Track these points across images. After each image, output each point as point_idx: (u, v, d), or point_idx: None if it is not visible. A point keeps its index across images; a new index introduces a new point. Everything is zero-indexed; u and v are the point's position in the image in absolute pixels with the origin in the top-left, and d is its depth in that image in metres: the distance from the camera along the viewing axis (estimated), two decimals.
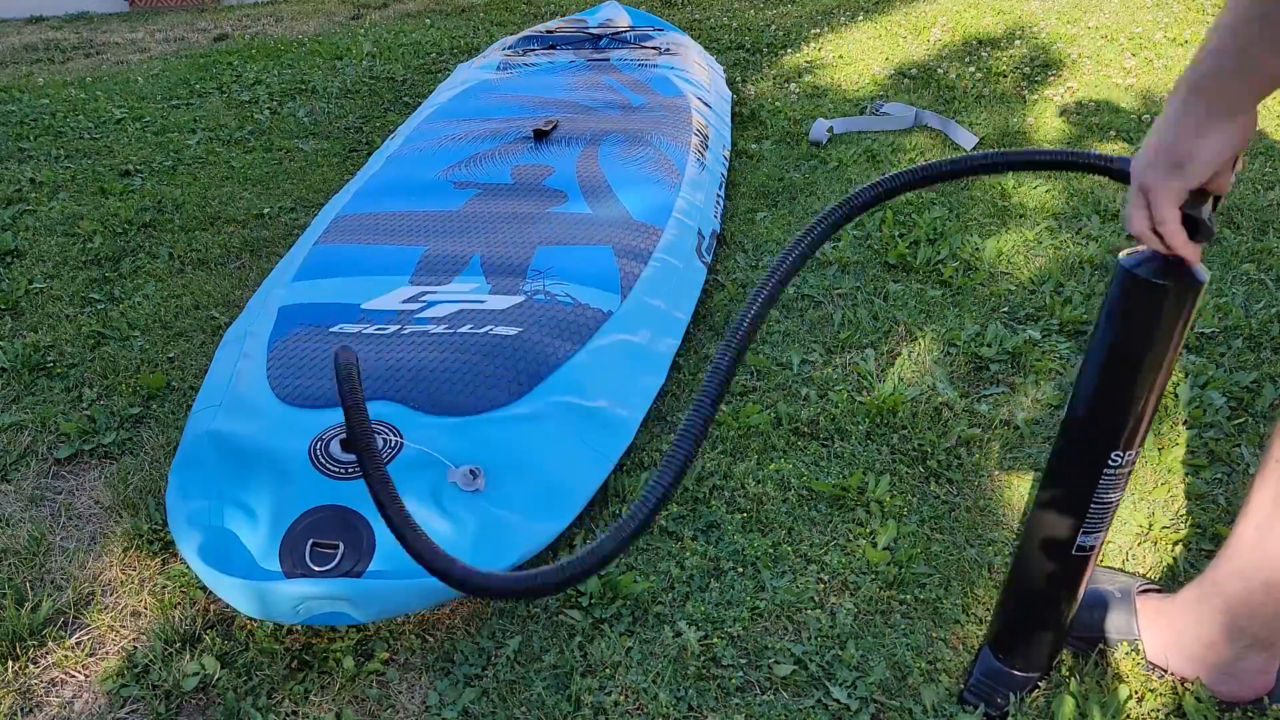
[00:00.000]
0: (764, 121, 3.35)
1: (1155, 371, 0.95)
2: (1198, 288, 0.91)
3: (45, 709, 1.23)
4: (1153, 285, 0.90)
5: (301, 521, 1.26)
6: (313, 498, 1.28)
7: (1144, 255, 0.92)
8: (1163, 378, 0.96)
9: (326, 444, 1.34)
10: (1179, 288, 0.90)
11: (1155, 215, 0.86)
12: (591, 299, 1.75)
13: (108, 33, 5.81)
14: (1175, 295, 0.90)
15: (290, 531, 1.25)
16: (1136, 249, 0.93)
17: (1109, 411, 0.99)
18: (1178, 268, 0.90)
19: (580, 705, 1.20)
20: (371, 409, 1.37)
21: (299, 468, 1.32)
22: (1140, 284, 0.91)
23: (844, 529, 1.48)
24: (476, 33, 5.08)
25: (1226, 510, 1.48)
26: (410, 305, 1.72)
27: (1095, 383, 0.99)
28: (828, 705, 1.20)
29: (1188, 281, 0.90)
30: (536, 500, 1.35)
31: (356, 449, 0.91)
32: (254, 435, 1.40)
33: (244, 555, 1.26)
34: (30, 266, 2.40)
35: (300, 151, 3.29)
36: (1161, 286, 0.90)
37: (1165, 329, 0.92)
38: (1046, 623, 1.16)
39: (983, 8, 4.60)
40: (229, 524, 1.30)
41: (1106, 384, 0.98)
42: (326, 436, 1.36)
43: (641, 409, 1.61)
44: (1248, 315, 1.98)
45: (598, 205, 2.15)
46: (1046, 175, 2.76)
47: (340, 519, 1.26)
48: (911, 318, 2.04)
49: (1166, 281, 0.90)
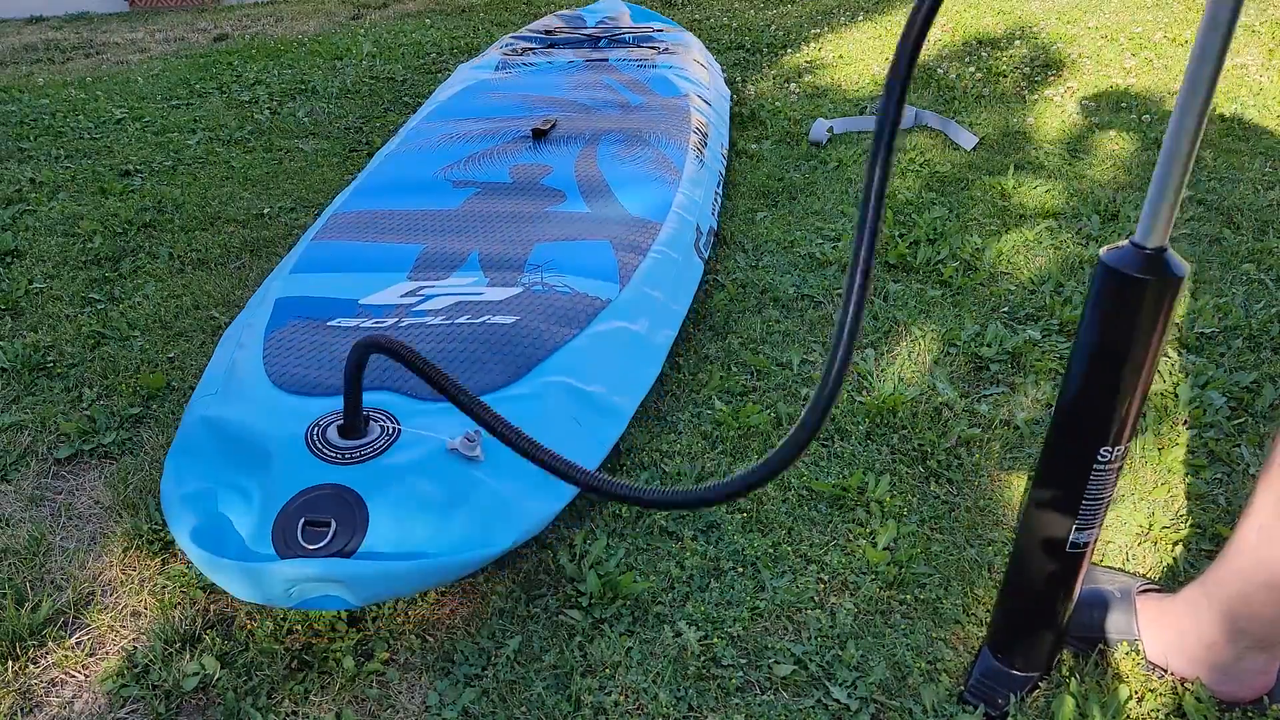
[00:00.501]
0: (764, 121, 3.35)
1: (1139, 366, 0.96)
2: (1177, 281, 0.92)
3: (45, 709, 1.23)
4: (1133, 279, 0.92)
5: (295, 501, 1.25)
6: (307, 480, 1.28)
7: (1123, 250, 0.93)
8: (1147, 372, 0.97)
9: (324, 430, 1.34)
10: (1158, 281, 0.92)
11: None
12: (590, 289, 1.75)
13: (108, 33, 5.81)
14: (1155, 289, 0.92)
15: (283, 511, 1.24)
16: (1117, 244, 0.95)
17: (1096, 407, 1.00)
18: (1157, 262, 0.91)
19: (580, 705, 1.20)
20: (369, 399, 1.37)
21: (295, 452, 1.31)
22: (1120, 279, 0.93)
23: (844, 529, 1.48)
24: (476, 33, 5.08)
25: (1226, 510, 1.48)
26: (408, 299, 1.73)
27: (1081, 379, 1.00)
28: (828, 705, 1.20)
29: (1167, 275, 0.92)
30: (533, 479, 1.35)
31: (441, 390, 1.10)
32: (250, 421, 1.40)
33: (236, 539, 1.25)
34: (30, 266, 2.40)
35: (300, 151, 3.29)
36: (1141, 280, 0.92)
37: (1146, 323, 0.94)
38: (1044, 622, 1.16)
39: (983, 8, 4.60)
40: (222, 508, 1.29)
41: (1092, 380, 0.99)
42: (324, 422, 1.36)
43: (637, 397, 1.62)
44: (1248, 315, 1.98)
45: (596, 204, 2.15)
46: (1047, 175, 2.76)
47: (335, 497, 1.25)
48: (911, 318, 2.04)
49: (1146, 275, 0.91)
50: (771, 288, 2.18)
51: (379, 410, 1.38)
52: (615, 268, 1.83)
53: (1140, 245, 0.92)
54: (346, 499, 1.25)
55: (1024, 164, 2.86)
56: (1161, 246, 0.92)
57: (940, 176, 2.81)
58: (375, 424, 1.35)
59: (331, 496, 1.25)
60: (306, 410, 1.40)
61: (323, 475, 1.28)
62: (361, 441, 1.31)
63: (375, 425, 1.34)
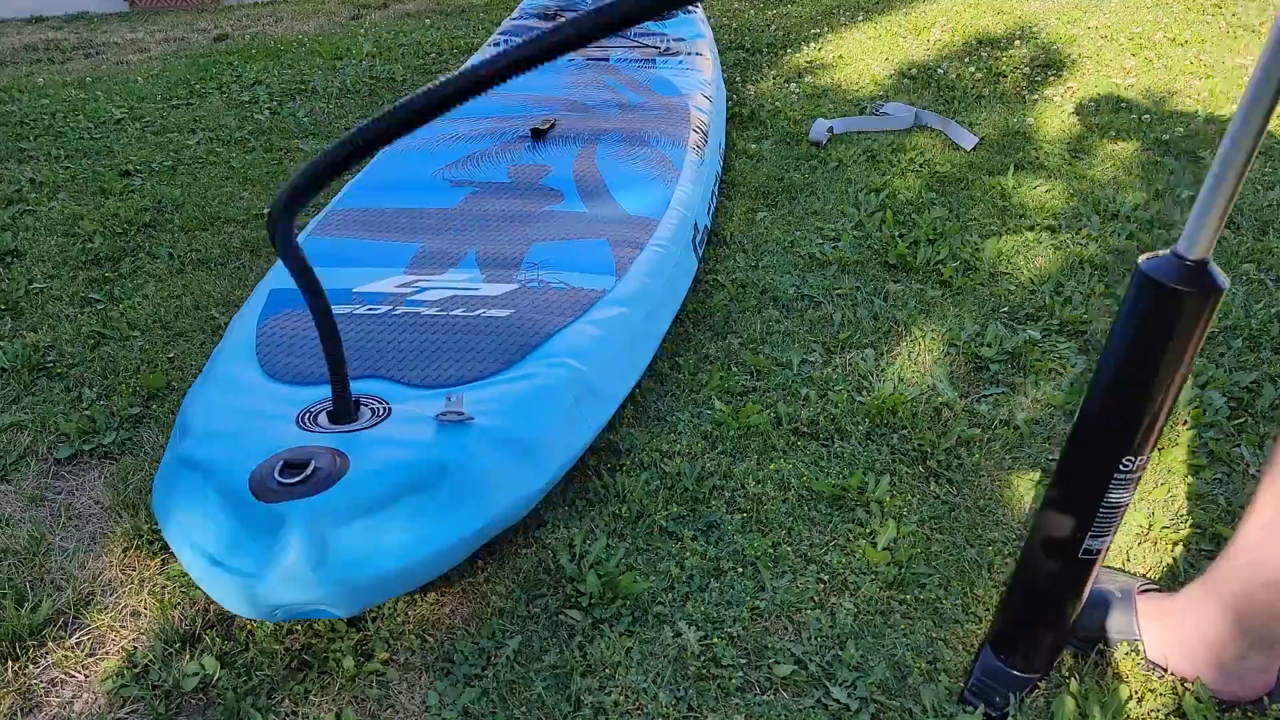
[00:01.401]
0: (764, 121, 3.35)
1: (1171, 377, 0.94)
2: (1217, 294, 0.89)
3: (45, 709, 1.23)
4: (1172, 290, 0.89)
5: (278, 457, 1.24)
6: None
7: (1164, 260, 0.91)
8: (1178, 383, 0.95)
9: (315, 415, 1.35)
10: (1198, 294, 0.89)
11: None
12: (586, 283, 1.76)
13: (108, 33, 5.81)
14: (1194, 301, 0.89)
15: (262, 464, 1.23)
16: (1156, 253, 0.92)
17: (1123, 416, 0.98)
18: (1199, 274, 0.89)
19: (580, 705, 1.20)
20: (360, 386, 1.37)
21: (284, 432, 1.31)
22: (1159, 289, 0.90)
23: (844, 529, 1.48)
24: (476, 33, 5.08)
25: (1226, 510, 1.48)
26: (403, 289, 1.74)
27: (1110, 387, 0.98)
28: (828, 705, 1.20)
29: (1207, 288, 0.89)
30: (517, 455, 1.34)
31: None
32: (241, 410, 1.40)
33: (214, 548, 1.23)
34: (30, 266, 2.40)
35: (300, 151, 3.29)
36: (1181, 292, 0.89)
37: (1183, 334, 0.91)
38: (1049, 624, 1.16)
39: (983, 8, 4.60)
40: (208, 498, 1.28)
41: (1122, 388, 0.97)
42: (315, 409, 1.36)
43: (628, 383, 1.63)
44: (1248, 315, 1.98)
45: (594, 204, 2.15)
46: (1047, 175, 2.76)
47: (316, 451, 1.24)
48: (911, 318, 2.04)
49: (1186, 287, 0.89)
50: (771, 288, 2.18)
51: (369, 396, 1.39)
52: (612, 263, 1.84)
53: (1182, 256, 0.89)
54: (328, 453, 1.24)
55: (1024, 164, 2.86)
56: (1204, 259, 0.89)
57: (940, 176, 2.80)
58: (365, 408, 1.35)
59: (312, 450, 1.25)
60: (298, 398, 1.40)
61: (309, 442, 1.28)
62: (352, 425, 1.32)
63: (365, 409, 1.35)
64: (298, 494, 1.17)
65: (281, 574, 1.14)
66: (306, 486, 1.18)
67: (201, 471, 1.26)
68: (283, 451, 1.25)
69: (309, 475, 1.19)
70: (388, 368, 1.47)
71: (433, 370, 1.48)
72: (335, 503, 1.17)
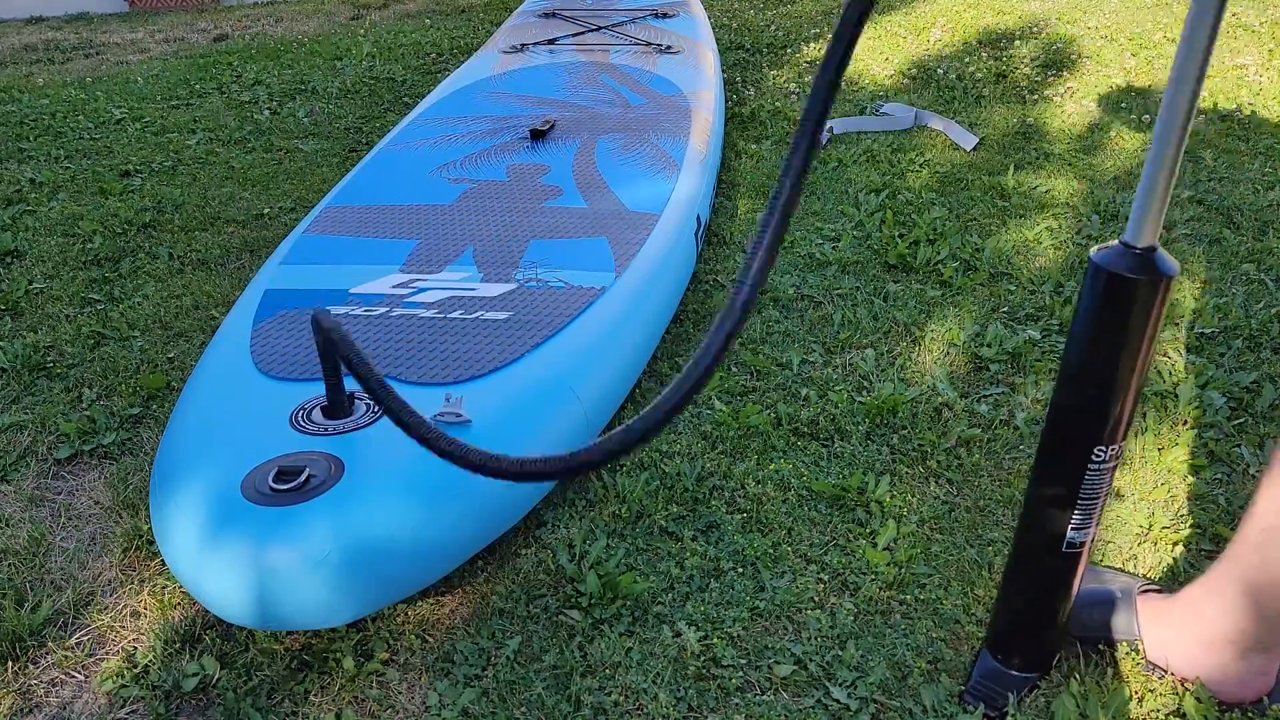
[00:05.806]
0: (764, 121, 3.35)
1: (1132, 365, 0.97)
2: (1167, 280, 0.93)
3: (45, 709, 1.23)
4: (1122, 279, 0.93)
5: (271, 463, 1.24)
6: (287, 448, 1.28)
7: (1114, 250, 0.94)
8: (1140, 371, 0.98)
9: (309, 411, 1.35)
10: (1148, 280, 0.92)
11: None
12: (585, 280, 1.76)
13: (107, 33, 5.81)
14: (1145, 288, 0.92)
15: (255, 469, 1.23)
16: (1107, 244, 0.95)
17: (1090, 407, 1.00)
18: (1147, 261, 0.92)
19: (580, 705, 1.20)
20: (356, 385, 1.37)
21: (278, 430, 1.31)
22: (1110, 278, 0.93)
23: (844, 529, 1.48)
24: (476, 33, 5.08)
25: (1226, 510, 1.48)
26: (400, 290, 1.73)
27: (1074, 379, 1.01)
28: (828, 705, 1.20)
29: (1157, 274, 0.92)
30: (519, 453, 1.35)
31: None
32: (235, 407, 1.40)
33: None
34: (30, 266, 2.40)
35: (300, 151, 3.29)
36: (1131, 280, 0.92)
37: (1138, 322, 0.94)
38: (1042, 621, 1.17)
39: (983, 8, 4.60)
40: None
41: (1085, 380, 1.00)
42: (309, 405, 1.36)
43: (628, 383, 1.64)
44: (1248, 315, 1.98)
45: (594, 200, 2.15)
46: (1047, 175, 2.76)
47: (311, 457, 1.25)
48: (911, 318, 2.04)
49: (1136, 275, 0.92)
50: (771, 288, 2.18)
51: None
52: (611, 259, 1.84)
53: (1130, 245, 0.93)
54: (324, 460, 1.24)
55: (1024, 164, 2.86)
56: (1151, 246, 0.92)
57: (940, 176, 2.80)
58: (360, 403, 1.35)
59: (307, 457, 1.25)
60: (293, 395, 1.41)
61: (304, 446, 1.28)
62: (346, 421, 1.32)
63: (360, 405, 1.35)
64: (290, 500, 1.18)
65: (274, 581, 1.15)
66: (299, 494, 1.19)
67: (194, 474, 1.26)
68: (277, 458, 1.25)
69: (302, 483, 1.20)
70: (385, 369, 1.47)
71: (430, 369, 1.48)
72: (329, 509, 1.18)
